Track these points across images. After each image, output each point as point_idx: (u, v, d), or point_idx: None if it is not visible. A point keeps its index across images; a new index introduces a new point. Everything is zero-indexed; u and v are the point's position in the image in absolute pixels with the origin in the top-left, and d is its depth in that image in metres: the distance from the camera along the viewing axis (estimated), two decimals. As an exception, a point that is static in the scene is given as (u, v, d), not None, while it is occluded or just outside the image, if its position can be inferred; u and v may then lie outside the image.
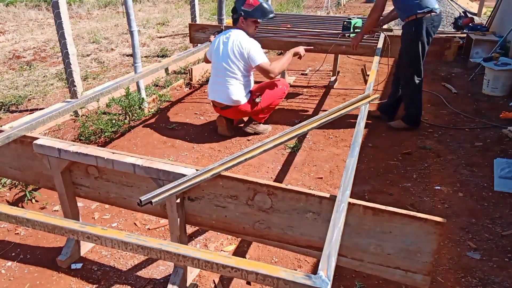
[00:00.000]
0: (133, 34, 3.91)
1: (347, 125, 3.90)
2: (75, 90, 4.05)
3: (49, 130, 3.81)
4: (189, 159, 3.31)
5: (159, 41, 7.60)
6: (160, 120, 4.07)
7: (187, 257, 1.11)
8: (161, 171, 1.69)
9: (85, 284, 2.04)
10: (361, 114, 2.14)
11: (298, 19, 5.41)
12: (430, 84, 5.10)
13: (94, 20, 9.65)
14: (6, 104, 4.38)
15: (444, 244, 2.32)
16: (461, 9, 9.50)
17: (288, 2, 12.06)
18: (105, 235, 1.20)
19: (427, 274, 1.46)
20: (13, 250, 2.28)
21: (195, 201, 1.76)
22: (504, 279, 2.07)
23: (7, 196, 2.78)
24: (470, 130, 3.80)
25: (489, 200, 2.73)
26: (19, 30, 8.39)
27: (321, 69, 5.62)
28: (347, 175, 1.55)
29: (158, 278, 2.07)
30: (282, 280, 1.03)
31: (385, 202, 2.49)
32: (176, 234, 1.81)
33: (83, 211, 2.61)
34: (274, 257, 2.24)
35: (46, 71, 5.64)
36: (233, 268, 1.07)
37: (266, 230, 1.67)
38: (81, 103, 2.43)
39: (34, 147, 1.91)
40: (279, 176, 3.05)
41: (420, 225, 1.39)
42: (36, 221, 1.27)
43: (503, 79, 4.58)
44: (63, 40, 3.82)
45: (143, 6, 11.80)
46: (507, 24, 5.83)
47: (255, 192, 1.61)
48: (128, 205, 1.96)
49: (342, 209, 1.34)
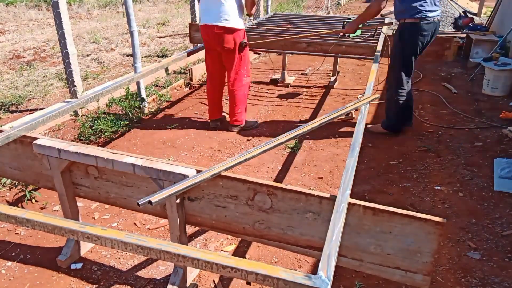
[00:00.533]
0: (133, 34, 3.90)
1: (347, 125, 3.90)
2: (75, 90, 4.05)
3: (49, 130, 3.81)
4: (189, 159, 3.31)
5: (159, 41, 7.60)
6: (160, 120, 4.07)
7: (187, 257, 1.11)
8: (161, 171, 1.68)
9: (85, 284, 2.04)
10: (361, 115, 2.14)
11: (298, 19, 5.41)
12: (430, 84, 5.10)
13: (94, 20, 9.65)
14: (6, 104, 4.38)
15: (444, 244, 2.32)
16: (461, 9, 9.50)
17: (288, 2, 12.06)
18: (105, 235, 1.20)
19: (427, 274, 1.46)
20: (13, 250, 2.28)
21: (195, 201, 1.75)
22: (504, 279, 2.07)
23: (7, 196, 2.78)
24: (470, 130, 3.80)
25: (489, 200, 2.73)
26: (19, 30, 8.39)
27: (321, 69, 5.63)
28: (347, 175, 1.55)
29: (158, 278, 2.07)
30: (282, 280, 1.02)
31: (385, 202, 2.50)
32: (176, 234, 1.81)
33: (83, 211, 2.61)
34: (274, 257, 2.24)
35: (46, 71, 5.64)
36: (233, 269, 1.07)
37: (266, 230, 1.67)
38: (81, 103, 2.43)
39: (34, 147, 1.91)
40: (279, 176, 3.05)
41: (420, 225, 1.39)
42: (36, 221, 1.27)
43: (503, 79, 4.58)
44: (63, 40, 3.82)
45: (143, 6, 11.80)
46: (507, 24, 5.83)
47: (255, 192, 1.61)
48: (128, 205, 1.96)
49: (342, 209, 1.34)
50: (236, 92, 3.70)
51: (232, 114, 3.80)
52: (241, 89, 3.72)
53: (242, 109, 3.79)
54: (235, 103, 3.73)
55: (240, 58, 3.62)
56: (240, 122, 3.81)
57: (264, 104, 4.51)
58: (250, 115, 4.17)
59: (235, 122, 3.80)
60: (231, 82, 3.69)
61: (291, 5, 11.66)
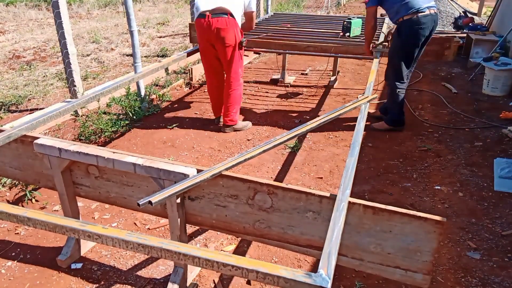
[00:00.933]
0: (133, 34, 3.91)
1: (347, 125, 3.91)
2: (75, 90, 4.05)
3: (49, 130, 3.81)
4: (189, 159, 3.31)
5: (159, 41, 7.60)
6: (160, 120, 4.07)
7: (187, 255, 1.11)
8: (162, 171, 1.69)
9: (85, 284, 2.04)
10: (361, 114, 2.14)
11: (298, 19, 5.42)
12: (430, 84, 5.10)
13: (94, 20, 9.65)
14: (6, 104, 4.38)
15: (444, 244, 2.32)
16: (461, 9, 9.50)
17: (288, 2, 12.06)
18: (106, 234, 1.20)
19: (427, 273, 1.47)
20: (13, 250, 2.28)
21: (196, 200, 1.76)
22: (504, 279, 2.07)
23: (7, 196, 2.78)
24: (470, 130, 3.80)
25: (489, 200, 2.73)
26: (19, 30, 8.38)
27: (321, 68, 5.63)
28: (347, 175, 1.55)
29: (158, 277, 2.07)
30: (282, 279, 1.03)
31: (385, 202, 2.49)
32: (176, 233, 1.81)
33: (83, 211, 2.61)
34: (274, 256, 2.24)
35: (46, 71, 5.64)
36: (234, 267, 1.07)
37: (267, 230, 1.67)
38: (81, 103, 2.43)
39: (35, 146, 1.91)
40: (279, 176, 3.05)
41: (420, 224, 1.39)
42: (37, 220, 1.27)
43: (503, 79, 4.58)
44: (63, 40, 3.82)
45: (143, 6, 11.80)
46: (507, 24, 5.83)
47: (256, 191, 1.61)
48: (128, 204, 1.96)
49: (342, 208, 1.34)
50: (233, 92, 3.66)
51: (227, 114, 3.72)
52: (238, 89, 3.69)
53: (237, 109, 3.75)
54: (231, 103, 3.68)
55: (239, 57, 3.58)
56: (234, 122, 3.75)
57: (264, 104, 4.51)
58: (250, 115, 4.17)
59: (229, 122, 3.74)
60: (230, 81, 3.64)
61: (291, 5, 11.66)
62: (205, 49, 3.60)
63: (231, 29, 3.37)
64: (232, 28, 3.38)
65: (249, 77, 5.45)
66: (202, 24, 3.39)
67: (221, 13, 3.34)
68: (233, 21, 3.37)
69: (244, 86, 5.04)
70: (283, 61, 5.05)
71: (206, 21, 3.36)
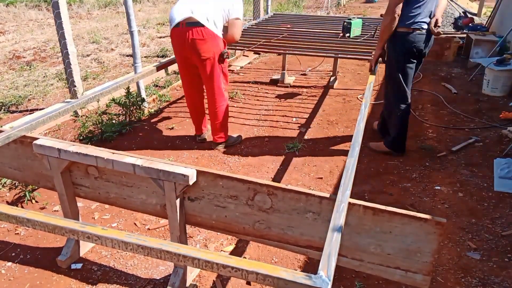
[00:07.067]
0: (133, 34, 3.91)
1: (347, 125, 3.90)
2: (75, 90, 4.05)
3: (49, 130, 3.81)
4: (189, 159, 3.31)
5: (159, 41, 7.60)
6: (160, 120, 4.07)
7: (187, 257, 1.11)
8: (161, 171, 1.68)
9: (85, 284, 2.04)
10: (361, 114, 2.14)
11: (298, 19, 5.42)
12: (430, 84, 5.10)
13: (94, 20, 9.65)
14: (6, 104, 4.38)
15: (444, 244, 2.32)
16: (461, 9, 9.51)
17: (288, 2, 12.07)
18: (106, 235, 1.20)
19: (427, 274, 1.46)
20: (13, 250, 2.28)
21: (195, 201, 1.76)
22: (504, 279, 2.07)
23: (6, 196, 2.78)
24: (470, 130, 3.80)
25: (489, 200, 2.73)
26: (19, 30, 8.39)
27: (321, 69, 5.63)
28: (347, 175, 1.55)
29: (158, 278, 2.07)
30: (282, 280, 1.02)
31: (385, 202, 2.50)
32: (176, 234, 1.81)
33: (83, 211, 2.61)
34: (274, 257, 2.24)
35: (46, 71, 5.64)
36: (234, 268, 1.07)
37: (266, 230, 1.67)
38: (81, 103, 2.43)
39: (34, 147, 1.91)
40: (279, 176, 3.05)
41: (420, 225, 1.39)
42: (37, 221, 1.27)
43: (503, 80, 4.58)
44: (63, 40, 3.82)
45: (143, 6, 11.80)
46: (507, 24, 5.83)
47: (255, 192, 1.61)
48: (128, 205, 1.96)
49: (342, 209, 1.34)
50: (219, 109, 3.28)
51: (215, 131, 3.40)
52: (224, 104, 3.31)
53: (226, 124, 3.42)
54: (218, 119, 3.33)
55: (221, 71, 3.17)
56: (225, 138, 3.44)
57: (264, 104, 4.51)
58: (250, 115, 4.17)
59: (219, 139, 3.42)
60: (214, 98, 3.24)
61: (291, 5, 11.66)
62: (182, 63, 3.22)
63: (209, 40, 2.97)
64: (210, 39, 2.97)
65: (249, 77, 5.46)
66: (177, 35, 3.02)
67: (197, 23, 2.93)
68: (211, 32, 2.97)
69: (244, 86, 5.07)
70: (283, 61, 5.04)
71: (180, 32, 2.98)
